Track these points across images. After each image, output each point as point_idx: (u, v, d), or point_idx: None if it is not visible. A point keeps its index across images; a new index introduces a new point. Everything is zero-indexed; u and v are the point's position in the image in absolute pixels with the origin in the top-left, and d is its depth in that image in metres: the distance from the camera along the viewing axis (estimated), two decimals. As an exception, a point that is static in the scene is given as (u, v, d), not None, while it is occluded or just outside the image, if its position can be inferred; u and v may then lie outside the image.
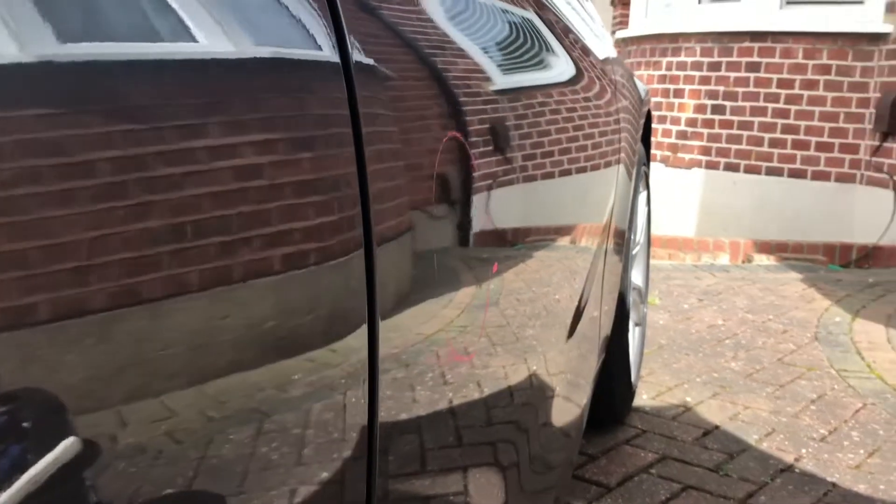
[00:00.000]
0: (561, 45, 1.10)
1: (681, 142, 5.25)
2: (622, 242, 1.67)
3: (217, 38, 0.38)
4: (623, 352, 1.91)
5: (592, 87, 1.25)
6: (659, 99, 5.34)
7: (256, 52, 0.40)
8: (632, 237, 1.90)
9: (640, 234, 2.17)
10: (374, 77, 0.51)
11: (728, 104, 4.98)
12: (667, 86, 5.31)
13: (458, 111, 0.66)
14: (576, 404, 1.23)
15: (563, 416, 1.11)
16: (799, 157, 4.76)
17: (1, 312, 0.27)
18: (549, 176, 0.94)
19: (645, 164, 2.15)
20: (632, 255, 1.97)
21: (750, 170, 4.92)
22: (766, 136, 4.84)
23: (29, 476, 0.28)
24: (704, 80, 5.06)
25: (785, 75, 4.74)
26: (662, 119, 5.33)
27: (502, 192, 0.75)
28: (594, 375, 1.49)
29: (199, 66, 0.37)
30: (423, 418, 0.58)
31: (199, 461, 0.35)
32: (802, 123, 4.72)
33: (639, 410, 2.17)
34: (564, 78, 1.07)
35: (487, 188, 0.70)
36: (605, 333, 1.59)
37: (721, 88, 4.99)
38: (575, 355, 1.17)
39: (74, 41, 0.31)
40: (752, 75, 4.86)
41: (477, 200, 0.68)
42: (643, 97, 2.09)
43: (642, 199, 2.16)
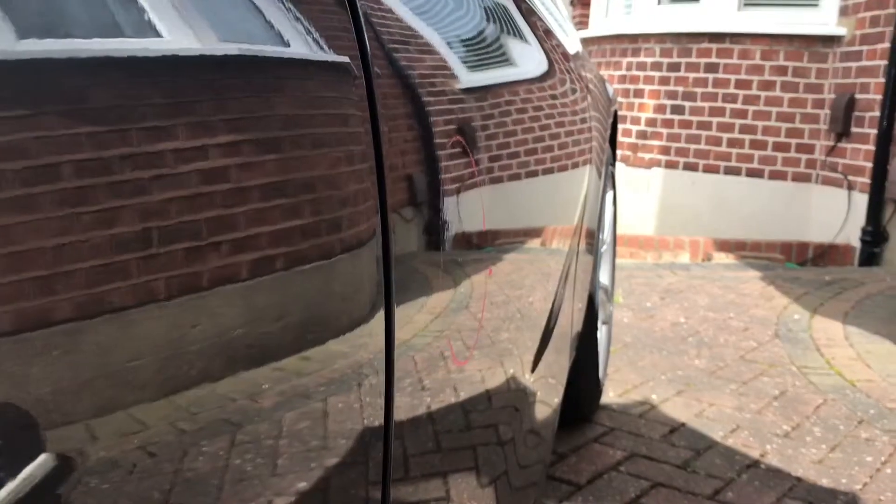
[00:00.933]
0: (535, 39, 1.09)
1: (641, 141, 5.30)
2: (593, 242, 1.67)
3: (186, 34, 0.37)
4: (592, 350, 1.92)
5: (564, 85, 1.24)
6: (620, 99, 5.39)
7: (231, 48, 0.39)
8: (600, 236, 1.91)
9: (607, 233, 2.18)
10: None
11: (687, 104, 5.04)
12: (627, 86, 5.36)
13: (422, 110, 0.63)
14: (549, 404, 1.23)
15: (540, 416, 1.11)
16: (756, 157, 4.83)
17: None
18: (521, 176, 0.93)
19: (612, 164, 2.17)
20: (600, 254, 1.98)
21: (709, 169, 4.99)
22: (725, 136, 4.91)
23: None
24: (664, 81, 5.12)
25: (743, 76, 4.82)
26: (623, 119, 5.38)
27: (473, 192, 0.74)
28: (566, 374, 1.50)
29: (209, 66, 0.36)
30: (402, 424, 0.57)
31: (213, 457, 0.36)
32: (760, 124, 4.80)
33: (606, 408, 2.19)
34: (537, 74, 1.07)
35: (457, 191, 0.68)
36: (576, 332, 1.59)
37: (680, 89, 5.05)
38: (551, 355, 1.17)
39: (69, 38, 0.30)
40: (710, 76, 4.92)
41: (448, 203, 0.66)
42: (611, 96, 2.10)
43: (609, 198, 2.17)
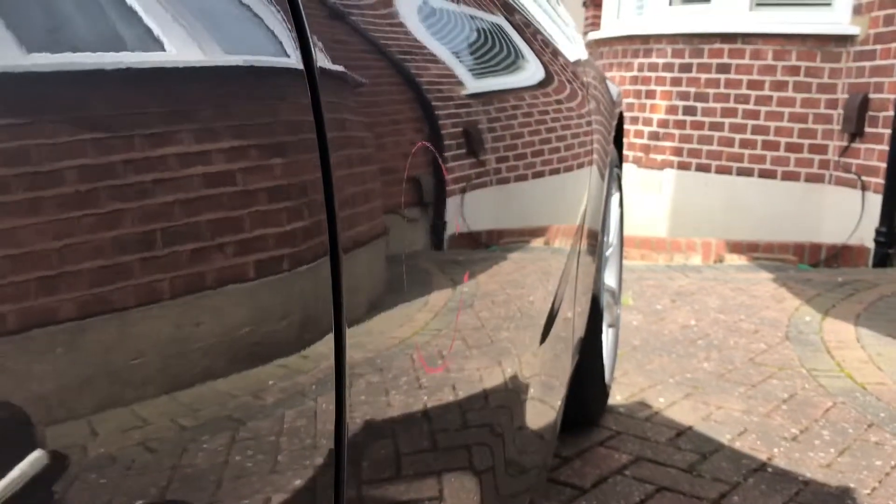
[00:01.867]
0: (531, 48, 1.10)
1: (653, 143, 5.28)
2: (595, 244, 1.67)
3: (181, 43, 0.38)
4: (597, 353, 1.92)
5: (563, 90, 1.25)
6: (631, 100, 5.37)
7: (223, 58, 0.40)
8: (605, 239, 1.90)
9: (613, 235, 2.17)
10: (340, 82, 0.51)
11: (699, 105, 5.01)
12: (638, 87, 5.34)
13: (429, 115, 0.65)
14: (550, 406, 1.23)
15: (537, 418, 1.11)
16: (769, 158, 4.80)
17: None
18: (523, 178, 0.94)
19: (617, 166, 2.16)
20: (605, 256, 1.98)
21: (721, 170, 4.96)
22: (737, 136, 4.89)
23: None
24: (675, 82, 5.10)
25: (755, 76, 4.79)
26: (634, 120, 5.36)
27: (475, 194, 0.75)
28: (568, 377, 1.49)
29: (163, 73, 0.36)
30: (394, 422, 0.58)
31: (171, 470, 0.36)
32: (772, 124, 4.77)
33: (612, 411, 2.17)
34: (535, 81, 1.07)
35: (461, 191, 0.70)
36: (579, 335, 1.59)
37: (692, 90, 5.03)
38: (549, 357, 1.17)
39: (39, 50, 0.31)
40: (722, 76, 4.90)
41: (451, 203, 0.68)
42: (615, 99, 2.09)
43: (615, 200, 2.16)
